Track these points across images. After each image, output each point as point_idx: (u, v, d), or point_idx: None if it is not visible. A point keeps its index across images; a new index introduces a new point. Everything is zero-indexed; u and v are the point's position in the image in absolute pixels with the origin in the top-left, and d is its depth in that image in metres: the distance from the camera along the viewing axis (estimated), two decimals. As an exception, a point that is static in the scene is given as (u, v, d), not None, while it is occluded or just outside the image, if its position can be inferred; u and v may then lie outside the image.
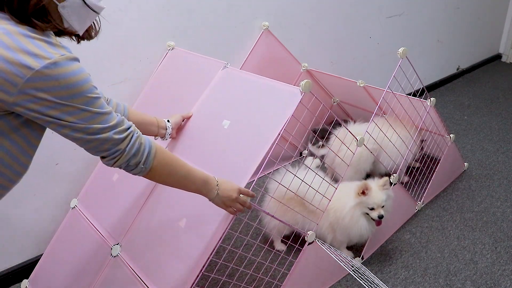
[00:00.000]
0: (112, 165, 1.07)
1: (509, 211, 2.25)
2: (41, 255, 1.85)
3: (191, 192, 1.26)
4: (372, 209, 1.78)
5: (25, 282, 1.82)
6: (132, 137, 1.05)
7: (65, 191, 1.93)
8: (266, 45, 2.38)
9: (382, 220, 1.78)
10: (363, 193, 1.77)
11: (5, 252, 1.84)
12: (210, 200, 1.29)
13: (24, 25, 0.87)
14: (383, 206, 1.79)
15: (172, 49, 2.03)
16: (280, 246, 1.96)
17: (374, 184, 1.81)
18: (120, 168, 1.08)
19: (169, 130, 1.58)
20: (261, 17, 2.36)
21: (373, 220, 1.80)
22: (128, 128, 1.05)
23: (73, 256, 1.74)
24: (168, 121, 1.59)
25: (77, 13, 0.96)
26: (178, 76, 1.95)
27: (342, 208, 1.77)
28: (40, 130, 0.99)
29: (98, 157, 1.05)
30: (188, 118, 1.70)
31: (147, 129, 1.51)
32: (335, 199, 1.74)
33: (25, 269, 1.87)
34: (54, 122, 0.91)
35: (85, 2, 0.95)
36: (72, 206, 1.87)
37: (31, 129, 0.96)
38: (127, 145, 1.04)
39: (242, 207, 1.35)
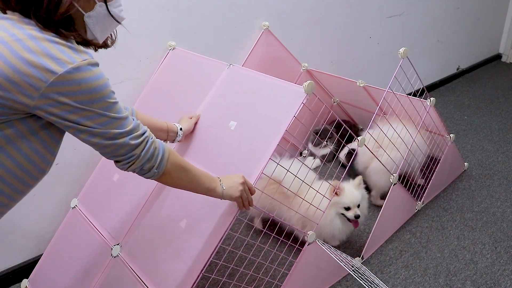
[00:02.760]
0: (126, 169, 1.07)
1: (509, 211, 2.25)
2: (41, 255, 1.85)
3: (196, 193, 1.26)
4: (348, 209, 1.77)
5: (25, 282, 1.82)
6: (147, 142, 1.06)
7: (65, 191, 1.93)
8: (266, 45, 2.38)
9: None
10: (336, 194, 1.75)
11: (5, 252, 1.84)
12: (220, 196, 1.28)
13: (49, 31, 0.88)
14: (358, 206, 1.79)
15: (173, 49, 2.03)
16: (258, 225, 2.02)
17: (349, 184, 1.81)
18: (134, 172, 1.09)
19: (179, 138, 1.57)
20: (261, 17, 2.36)
21: (350, 221, 1.79)
22: (144, 133, 1.05)
23: (73, 256, 1.74)
24: (180, 129, 1.57)
25: (101, 23, 0.98)
26: (179, 77, 1.95)
27: (311, 199, 1.72)
28: (58, 135, 0.99)
29: (98, 157, 1.05)
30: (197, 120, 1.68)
31: (155, 134, 1.49)
32: (311, 195, 1.69)
33: (25, 269, 1.88)
34: (73, 126, 0.91)
35: (109, 13, 0.98)
36: (72, 206, 1.87)
37: (50, 133, 0.97)
38: (142, 150, 1.04)
39: (248, 200, 1.35)
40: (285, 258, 1.68)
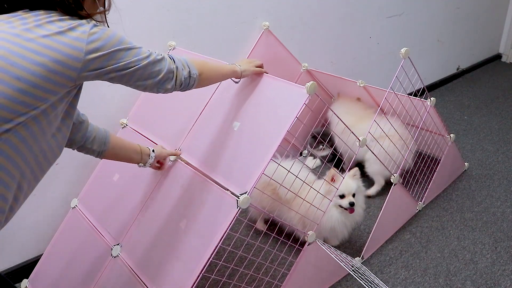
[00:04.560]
0: (175, 85, 1.20)
1: (509, 211, 2.25)
2: (41, 255, 1.85)
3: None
4: (343, 197, 1.79)
5: (25, 282, 1.82)
6: (167, 56, 1.19)
7: (65, 191, 1.93)
8: (266, 45, 2.38)
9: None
10: (332, 179, 1.76)
11: (5, 252, 1.84)
12: (239, 75, 1.51)
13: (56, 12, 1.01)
14: (354, 196, 1.81)
15: (173, 49, 2.03)
16: (260, 226, 2.04)
17: (346, 174, 1.83)
18: (181, 86, 1.23)
19: (150, 160, 1.57)
20: (261, 17, 2.36)
21: (345, 209, 1.81)
22: (158, 53, 1.17)
23: (73, 256, 1.74)
24: (153, 150, 1.58)
25: None
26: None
27: (311, 200, 1.72)
28: (70, 121, 1.08)
29: (98, 158, 1.04)
30: (177, 155, 1.68)
31: (130, 156, 1.52)
32: (311, 195, 1.70)
33: (25, 269, 1.88)
34: (114, 68, 1.04)
35: None
36: (72, 206, 1.87)
37: (67, 124, 1.07)
38: (173, 59, 1.20)
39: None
40: (285, 258, 1.69)
